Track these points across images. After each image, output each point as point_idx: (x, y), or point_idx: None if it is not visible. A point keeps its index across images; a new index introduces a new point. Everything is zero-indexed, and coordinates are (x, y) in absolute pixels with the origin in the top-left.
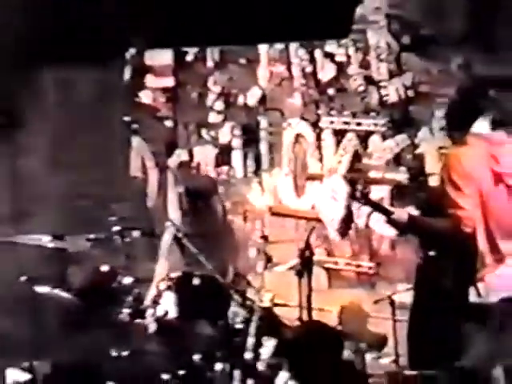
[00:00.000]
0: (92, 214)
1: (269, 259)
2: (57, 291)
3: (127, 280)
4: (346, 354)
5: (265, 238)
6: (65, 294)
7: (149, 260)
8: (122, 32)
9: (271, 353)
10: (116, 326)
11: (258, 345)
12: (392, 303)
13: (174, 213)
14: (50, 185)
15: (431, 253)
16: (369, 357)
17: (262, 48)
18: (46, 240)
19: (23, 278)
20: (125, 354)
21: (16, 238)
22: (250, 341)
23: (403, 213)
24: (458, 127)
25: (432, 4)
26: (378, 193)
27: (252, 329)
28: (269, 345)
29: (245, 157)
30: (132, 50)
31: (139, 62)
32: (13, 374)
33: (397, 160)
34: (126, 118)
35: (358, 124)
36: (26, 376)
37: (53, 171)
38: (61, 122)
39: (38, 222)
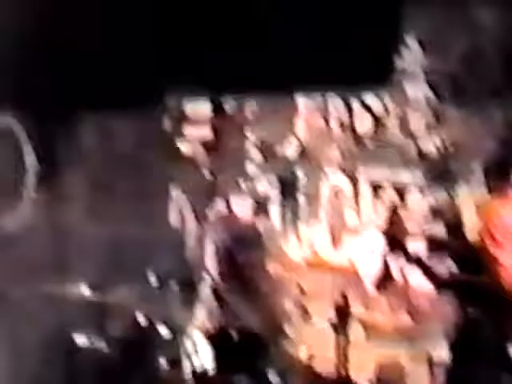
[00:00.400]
0: (131, 264)
1: (305, 312)
2: (95, 341)
3: (164, 331)
4: None
5: (301, 290)
6: (103, 344)
7: (186, 311)
8: (162, 81)
9: None
10: (153, 376)
11: None
12: (430, 359)
13: (211, 264)
14: (89, 234)
15: (470, 309)
16: None
17: (300, 99)
18: (85, 290)
19: (62, 328)
20: None
21: (56, 288)
22: None
23: (441, 268)
24: (497, 180)
25: (471, 56)
26: (416, 247)
27: (289, 381)
28: None
29: (282, 208)
30: (172, 100)
31: (179, 111)
32: None
33: (434, 214)
34: (165, 167)
35: (396, 177)
36: None
37: (92, 220)
38: (100, 170)
39: (77, 271)
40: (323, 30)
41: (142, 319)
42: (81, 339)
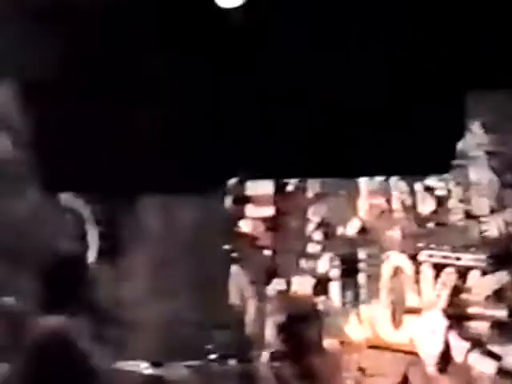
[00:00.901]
0: (190, 340)
1: None
2: None
3: None
4: None
5: (362, 370)
6: None
7: None
8: (224, 161)
9: None
10: None
11: None
12: None
13: (271, 341)
14: (149, 310)
15: None
16: None
17: (362, 180)
18: (144, 366)
19: None
20: None
21: (115, 364)
22: None
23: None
24: None
25: None
26: (478, 329)
27: None
28: None
29: (343, 288)
30: (233, 180)
31: (240, 191)
32: None
33: (496, 296)
34: (226, 247)
35: (458, 259)
36: None
37: (153, 297)
38: (162, 248)
39: (137, 347)
40: (387, 115)
41: None
42: None
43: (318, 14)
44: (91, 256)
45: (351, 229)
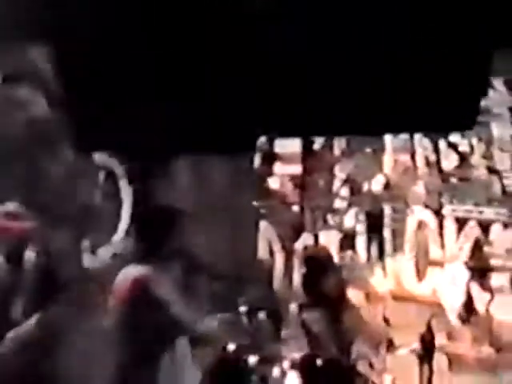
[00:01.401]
0: (220, 294)
1: (390, 342)
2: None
3: (253, 359)
4: None
5: (386, 321)
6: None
7: (274, 340)
8: (254, 121)
9: None
10: None
11: None
12: None
13: (299, 294)
14: None
15: None
16: None
17: (387, 137)
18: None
19: None
20: None
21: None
22: None
23: None
24: None
25: None
26: (499, 280)
27: None
28: None
29: (368, 242)
30: (262, 139)
31: (269, 149)
32: None
33: None
34: (255, 203)
35: (480, 212)
36: None
37: None
38: (194, 205)
39: None
40: (412, 74)
41: (231, 347)
42: None
43: None
44: (124, 214)
45: (376, 185)
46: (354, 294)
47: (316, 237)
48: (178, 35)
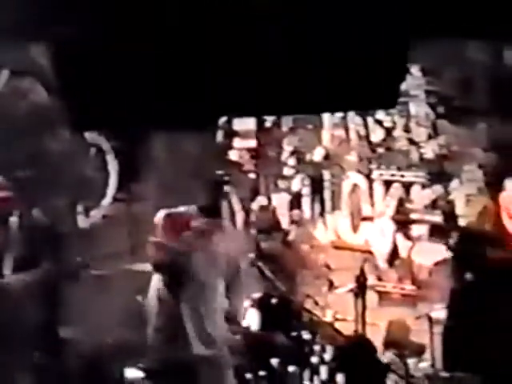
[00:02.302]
0: None
1: (331, 283)
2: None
3: None
4: (391, 358)
5: (328, 266)
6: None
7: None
8: (216, 102)
9: (331, 357)
10: None
11: (322, 351)
12: (430, 319)
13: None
14: None
15: (467, 276)
16: (410, 361)
17: (325, 116)
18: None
19: (138, 297)
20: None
21: (133, 266)
22: (316, 348)
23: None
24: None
25: (462, 81)
26: (418, 230)
27: (318, 339)
28: (330, 351)
29: (312, 202)
30: (223, 118)
31: (229, 127)
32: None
33: (433, 205)
34: (219, 172)
35: (402, 176)
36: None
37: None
38: (169, 174)
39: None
40: (346, 63)
41: None
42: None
43: None
44: (112, 182)
45: (317, 155)
46: (301, 245)
47: (269, 198)
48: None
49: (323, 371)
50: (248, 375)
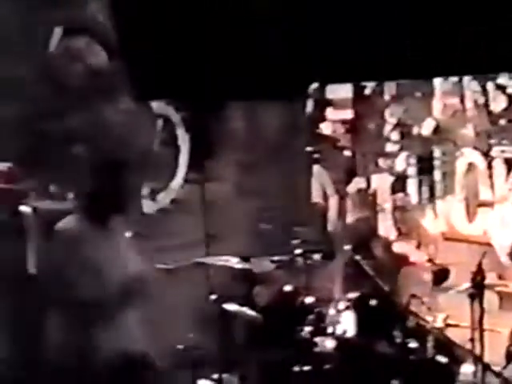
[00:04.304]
0: (276, 237)
1: (441, 282)
2: (243, 309)
3: (309, 300)
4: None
5: (432, 261)
6: (251, 312)
7: (328, 281)
8: (306, 67)
9: None
10: (298, 343)
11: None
12: None
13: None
14: (237, 210)
15: None
16: None
17: (437, 81)
18: (234, 261)
19: (213, 297)
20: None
21: (207, 260)
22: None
23: None
24: None
25: None
26: None
27: (428, 348)
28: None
29: (419, 184)
30: (314, 85)
31: (320, 95)
32: None
33: None
34: (308, 148)
35: None
36: None
37: (240, 197)
38: (248, 151)
39: (226, 244)
40: (459, 18)
41: (287, 288)
42: (230, 307)
43: None
44: (182, 160)
45: (426, 128)
46: (406, 236)
47: (368, 180)
48: None
49: None
50: None
